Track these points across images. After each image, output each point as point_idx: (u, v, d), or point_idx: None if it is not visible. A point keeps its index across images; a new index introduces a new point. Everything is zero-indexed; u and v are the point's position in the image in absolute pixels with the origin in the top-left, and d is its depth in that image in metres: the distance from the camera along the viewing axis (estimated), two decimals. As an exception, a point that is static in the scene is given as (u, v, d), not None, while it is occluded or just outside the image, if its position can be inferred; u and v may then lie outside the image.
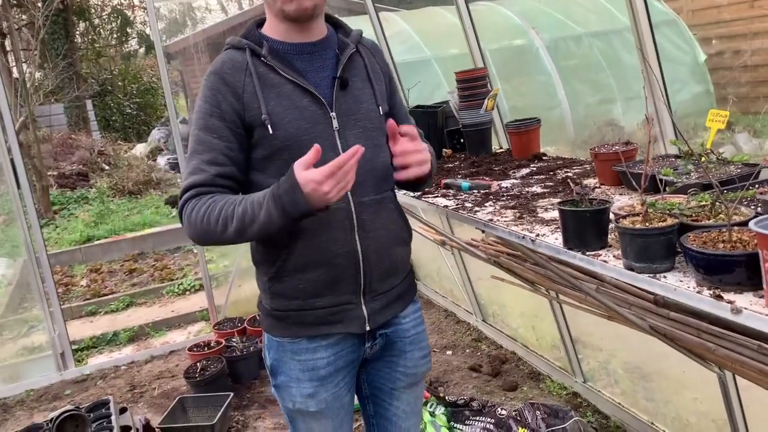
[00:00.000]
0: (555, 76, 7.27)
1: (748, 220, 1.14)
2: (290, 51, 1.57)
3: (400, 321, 1.75)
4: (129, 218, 8.18)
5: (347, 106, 1.58)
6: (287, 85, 1.53)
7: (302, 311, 1.61)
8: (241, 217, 1.43)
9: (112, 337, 4.88)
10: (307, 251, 1.55)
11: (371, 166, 1.59)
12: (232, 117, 1.52)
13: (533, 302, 3.35)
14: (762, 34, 7.95)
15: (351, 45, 1.62)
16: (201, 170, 1.51)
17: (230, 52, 1.58)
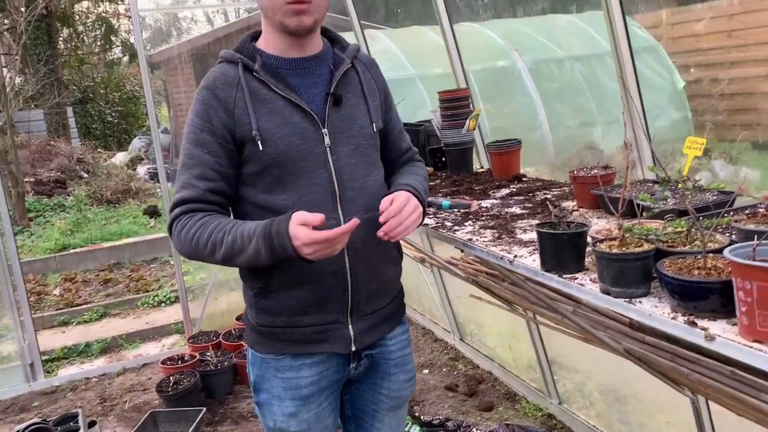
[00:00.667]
0: (536, 98, 7.36)
1: (723, 247, 1.15)
2: (284, 66, 1.56)
3: (387, 343, 1.72)
4: (106, 227, 8.07)
5: (340, 122, 1.56)
6: (279, 101, 1.52)
7: (288, 328, 1.59)
8: (231, 246, 1.44)
9: (84, 348, 4.79)
10: (294, 268, 1.53)
11: (363, 184, 1.58)
12: (223, 132, 1.51)
13: (511, 322, 3.35)
14: (739, 64, 8.13)
15: (346, 61, 1.61)
16: (191, 185, 1.51)
17: (223, 66, 1.57)
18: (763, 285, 1.01)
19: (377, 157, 1.66)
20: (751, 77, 7.95)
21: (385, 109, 1.71)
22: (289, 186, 1.51)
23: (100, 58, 16.50)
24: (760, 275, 1.01)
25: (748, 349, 1.04)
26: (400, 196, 1.52)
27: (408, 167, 1.77)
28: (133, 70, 16.42)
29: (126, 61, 16.75)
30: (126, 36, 16.40)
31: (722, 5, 9.01)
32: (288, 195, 1.50)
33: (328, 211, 1.52)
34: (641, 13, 11.77)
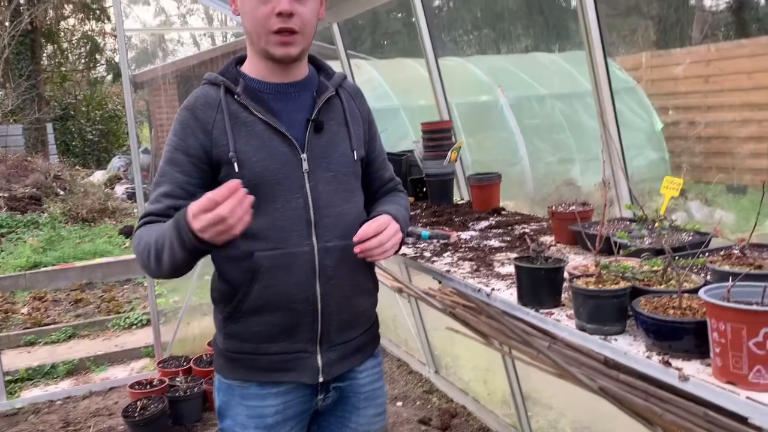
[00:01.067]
0: (517, 134, 7.45)
1: (698, 288, 1.15)
2: (266, 90, 1.56)
3: (357, 375, 1.69)
4: (80, 246, 7.93)
5: (320, 148, 1.56)
6: (259, 125, 1.51)
7: (255, 355, 1.57)
8: (155, 243, 1.41)
9: (50, 369, 4.66)
10: (264, 293, 1.51)
11: (340, 211, 1.57)
12: (198, 153, 1.51)
13: (486, 356, 3.33)
14: (715, 108, 8.33)
15: (330, 88, 1.61)
16: (157, 201, 1.51)
17: (205, 88, 1.57)
18: (736, 327, 1.01)
19: (357, 186, 1.65)
20: (727, 122, 8.15)
21: (368, 138, 1.71)
22: (264, 209, 1.49)
23: (83, 75, 16.45)
24: (734, 317, 1.02)
25: (722, 391, 1.03)
26: (381, 218, 1.53)
27: (390, 197, 1.77)
28: (116, 89, 16.37)
29: (110, 79, 16.71)
30: (111, 55, 16.41)
31: (700, 51, 9.27)
32: (262, 219, 1.49)
33: (302, 237, 1.51)
34: (622, 56, 12.05)
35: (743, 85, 8.06)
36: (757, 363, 1.00)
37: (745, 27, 12.22)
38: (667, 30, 13.41)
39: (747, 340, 1.00)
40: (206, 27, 26.09)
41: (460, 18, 15.12)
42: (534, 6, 14.74)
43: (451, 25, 15.07)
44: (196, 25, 26.57)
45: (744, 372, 1.01)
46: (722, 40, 12.22)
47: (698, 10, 14.57)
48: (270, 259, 1.49)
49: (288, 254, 1.50)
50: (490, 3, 14.55)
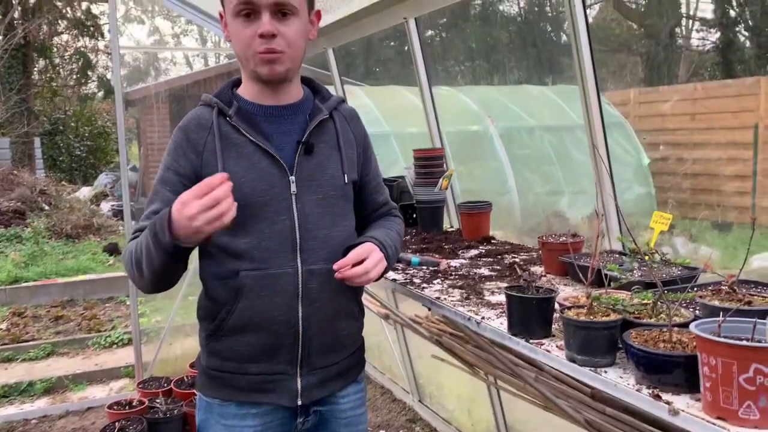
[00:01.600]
0: (506, 164, 7.52)
1: (689, 322, 1.16)
2: (259, 113, 1.58)
3: (338, 400, 1.67)
4: (63, 262, 7.84)
5: (309, 171, 1.56)
6: (249, 146, 1.53)
7: (235, 374, 1.56)
8: (138, 250, 1.43)
9: (27, 387, 4.57)
10: (247, 312, 1.52)
11: (327, 233, 1.57)
12: (188, 173, 1.53)
13: (471, 386, 3.31)
14: (701, 146, 8.47)
15: (324, 111, 1.62)
16: (147, 218, 1.52)
17: (199, 109, 1.59)
18: (727, 362, 1.01)
19: (348, 209, 1.65)
20: (713, 159, 8.27)
21: (363, 161, 1.71)
22: (251, 229, 1.50)
23: (74, 91, 16.42)
24: (724, 352, 1.02)
25: (712, 426, 1.03)
26: (364, 246, 1.53)
27: (382, 221, 1.77)
28: (106, 106, 16.36)
29: (100, 96, 16.69)
30: (103, 71, 16.41)
31: (687, 89, 9.45)
32: (248, 238, 1.50)
33: (287, 258, 1.51)
34: (610, 91, 12.26)
35: (729, 124, 8.21)
36: (747, 398, 1.00)
37: (730, 67, 12.50)
38: (655, 67, 13.68)
39: (737, 376, 1.01)
40: (200, 48, 26.26)
41: (453, 48, 15.33)
42: (527, 39, 14.98)
43: (443, 55, 15.28)
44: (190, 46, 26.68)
45: (734, 407, 1.01)
46: (708, 80, 12.49)
47: (685, 49, 14.88)
48: (254, 279, 1.50)
49: (272, 275, 1.50)
50: (484, 35, 14.79)
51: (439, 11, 13.37)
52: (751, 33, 12.97)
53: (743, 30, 13.23)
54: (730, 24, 12.96)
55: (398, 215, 1.84)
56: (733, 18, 13.04)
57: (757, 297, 1.34)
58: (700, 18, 15.28)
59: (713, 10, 14.03)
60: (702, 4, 16.00)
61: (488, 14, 15.47)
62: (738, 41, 13.13)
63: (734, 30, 13.02)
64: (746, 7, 12.70)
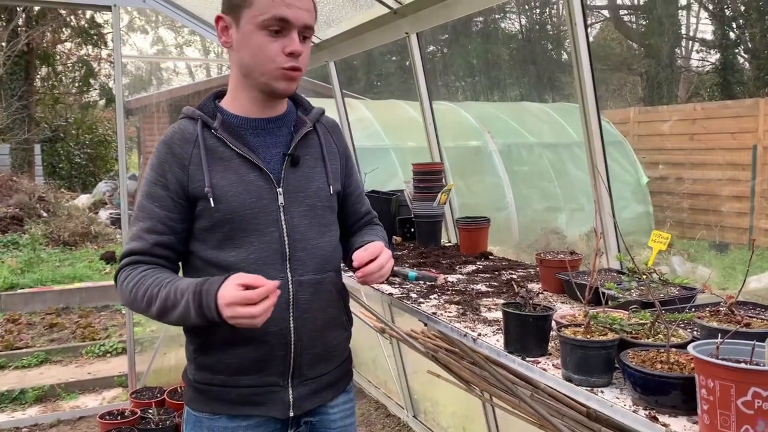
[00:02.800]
0: (505, 180, 7.53)
1: (686, 343, 1.15)
2: (244, 125, 1.57)
3: (328, 410, 1.67)
4: (59, 269, 7.81)
5: (296, 182, 1.57)
6: (235, 159, 1.52)
7: (225, 387, 1.55)
8: (164, 301, 1.43)
9: (19, 394, 4.53)
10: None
11: (315, 245, 1.57)
12: (176, 187, 1.51)
13: (466, 402, 3.29)
14: (700, 166, 8.49)
15: (308, 123, 1.62)
16: (140, 238, 1.51)
17: (183, 122, 1.57)
18: (725, 384, 1.00)
19: (333, 219, 1.66)
20: (712, 180, 8.29)
21: (345, 172, 1.73)
22: (239, 243, 1.50)
23: (75, 99, 16.45)
24: (723, 374, 1.01)
25: (709, 450, 1.02)
26: (375, 245, 1.57)
27: (369, 229, 1.79)
28: (107, 114, 16.38)
29: (102, 104, 16.72)
30: (105, 80, 16.44)
31: (686, 109, 9.49)
32: (237, 252, 1.50)
33: (277, 270, 1.51)
34: (610, 109, 12.30)
35: (727, 145, 8.24)
36: (745, 422, 0.99)
37: (730, 88, 12.57)
38: (654, 87, 13.76)
39: (735, 399, 1.00)
40: (202, 58, 26.35)
41: (454, 64, 15.41)
42: (527, 57, 15.07)
43: (444, 70, 15.35)
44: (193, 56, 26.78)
45: (732, 431, 1.00)
46: (708, 100, 12.56)
47: (685, 69, 14.98)
48: None
49: None
50: (485, 51, 14.87)
51: (440, 27, 13.46)
52: (750, 55, 13.07)
53: (743, 52, 13.32)
54: (729, 45, 13.06)
55: (379, 223, 1.87)
56: (733, 40, 13.14)
57: (755, 319, 1.34)
58: (699, 39, 15.40)
59: (713, 32, 14.14)
60: (702, 25, 16.14)
61: (490, 31, 15.56)
62: (737, 63, 13.22)
63: (734, 51, 13.11)
64: (746, 29, 12.80)
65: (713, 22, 14.11)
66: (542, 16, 17.18)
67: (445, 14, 2.71)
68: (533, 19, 17.17)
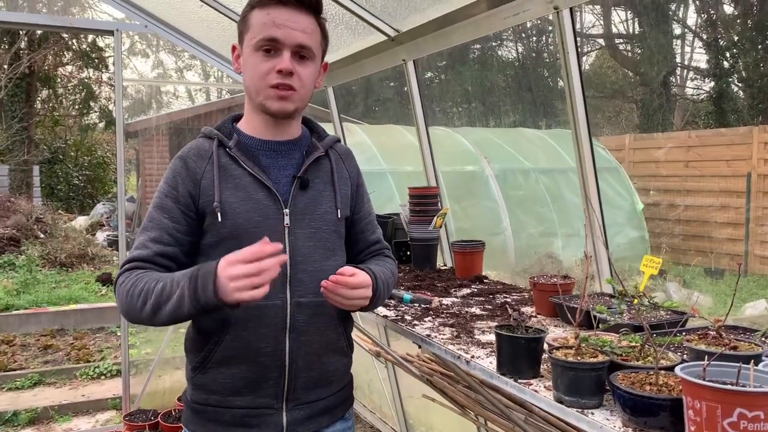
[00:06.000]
0: (501, 204, 7.57)
1: (675, 365, 1.17)
2: (258, 146, 1.61)
3: None
4: (55, 291, 7.80)
5: (303, 205, 1.59)
6: (246, 178, 1.55)
7: (219, 408, 1.55)
8: (160, 293, 1.41)
9: (11, 417, 4.50)
10: (234, 344, 1.51)
11: (317, 267, 1.58)
12: (186, 200, 1.54)
13: (461, 427, 3.28)
14: (694, 193, 8.55)
15: (320, 149, 1.65)
16: (144, 246, 1.52)
17: (200, 140, 1.62)
18: (711, 405, 1.02)
19: (339, 244, 1.67)
20: (706, 206, 8.34)
21: (356, 199, 1.73)
22: None
23: (75, 121, 16.54)
24: (709, 395, 1.03)
25: (696, 470, 1.03)
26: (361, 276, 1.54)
27: (377, 259, 1.77)
28: (107, 137, 16.46)
29: (101, 127, 16.81)
30: (105, 103, 16.55)
31: (681, 136, 9.59)
32: None
33: (276, 290, 1.51)
34: (606, 136, 12.41)
35: (722, 172, 8.31)
36: (731, 443, 1.01)
37: (724, 116, 12.71)
38: (650, 114, 13.90)
39: (722, 420, 1.01)
40: (202, 82, 26.53)
41: (451, 90, 15.56)
42: (523, 84, 15.23)
43: (441, 96, 15.50)
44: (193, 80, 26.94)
45: (718, 452, 1.02)
46: (702, 128, 12.68)
47: (680, 97, 15.14)
48: (242, 310, 1.48)
49: (260, 306, 1.49)
50: (481, 78, 15.03)
51: (438, 54, 13.63)
52: (744, 84, 13.24)
53: (737, 80, 13.49)
54: (723, 74, 13.23)
55: (391, 255, 1.84)
56: (727, 69, 13.31)
57: (743, 342, 1.36)
58: (694, 67, 15.60)
59: (707, 60, 14.34)
60: (696, 54, 16.35)
61: (486, 58, 15.74)
62: (731, 91, 13.38)
63: (728, 80, 13.28)
64: (739, 58, 12.98)
65: (707, 51, 14.32)
66: (538, 44, 17.40)
67: (441, 42, 2.76)
68: (529, 47, 17.39)
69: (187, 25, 4.08)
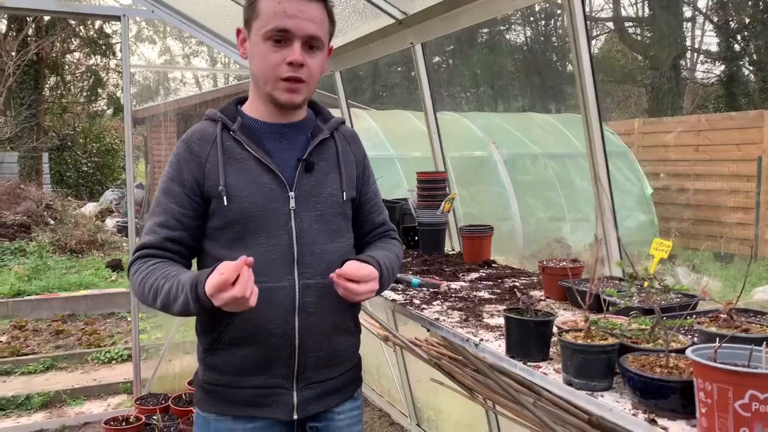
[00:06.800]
0: (510, 189, 7.54)
1: (685, 348, 1.16)
2: (262, 129, 1.61)
3: (334, 416, 1.68)
4: (65, 277, 7.86)
5: (309, 188, 1.59)
6: (251, 161, 1.56)
7: (231, 388, 1.57)
8: (167, 294, 1.45)
9: (24, 400, 4.55)
10: (244, 326, 1.53)
11: (323, 249, 1.59)
12: (192, 185, 1.55)
13: (469, 411, 3.29)
14: (704, 177, 8.49)
15: (325, 131, 1.65)
16: (153, 232, 1.55)
17: (204, 123, 1.62)
18: (723, 387, 1.02)
19: (345, 226, 1.67)
20: (715, 190, 8.28)
21: (362, 181, 1.74)
22: (249, 243, 1.53)
23: (83, 108, 16.58)
24: (720, 377, 1.02)
25: (707, 452, 1.03)
26: (365, 268, 1.55)
27: (383, 242, 1.78)
28: (115, 123, 16.50)
29: (110, 113, 16.84)
30: (113, 90, 16.58)
31: (690, 120, 9.50)
32: (246, 252, 1.50)
33: (284, 272, 1.54)
34: (615, 120, 12.32)
35: (732, 156, 8.24)
36: (742, 425, 1.00)
37: (734, 100, 12.58)
38: (659, 98, 13.78)
39: (733, 402, 1.01)
40: (209, 68, 26.51)
41: (459, 75, 15.47)
42: (532, 68, 15.12)
43: (449, 81, 15.42)
44: (200, 66, 26.91)
45: (729, 434, 1.02)
46: (712, 112, 12.57)
47: (690, 81, 15.00)
48: None
49: (269, 288, 1.51)
50: (489, 62, 14.93)
51: (446, 38, 13.53)
52: (755, 67, 13.08)
53: (747, 63, 13.34)
54: (734, 57, 13.08)
55: (397, 237, 1.85)
56: (738, 52, 13.16)
57: (754, 325, 1.35)
58: (704, 51, 15.43)
59: (718, 44, 14.18)
60: (707, 38, 16.17)
61: (495, 42, 15.63)
62: (742, 75, 13.23)
63: (738, 63, 13.13)
64: (750, 41, 12.83)
65: (718, 34, 14.16)
66: (547, 28, 17.25)
67: (449, 25, 2.74)
68: (538, 31, 17.24)
69: (194, 10, 4.06)
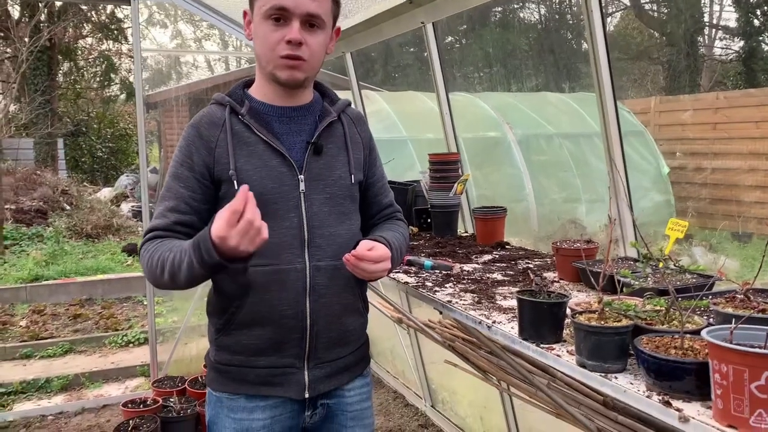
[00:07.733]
0: (524, 170, 7.48)
1: (701, 329, 1.15)
2: (270, 112, 1.61)
3: (344, 393, 1.71)
4: (82, 261, 7.94)
5: (318, 170, 1.60)
6: (260, 145, 1.56)
7: (243, 367, 1.60)
8: (172, 262, 1.44)
9: (44, 383, 4.63)
10: (256, 307, 1.55)
11: (333, 231, 1.60)
12: (201, 169, 1.56)
13: (484, 392, 3.30)
14: (722, 155, 8.36)
15: (333, 113, 1.65)
16: (163, 216, 1.55)
17: (212, 107, 1.63)
18: (739, 369, 1.00)
19: (353, 209, 1.68)
20: (733, 169, 8.16)
21: (369, 163, 1.75)
22: None
23: (97, 93, 16.64)
24: (736, 359, 1.01)
25: (722, 434, 1.02)
26: (379, 249, 1.57)
27: (389, 224, 1.80)
28: (128, 108, 16.56)
29: (123, 99, 16.90)
30: (126, 74, 16.61)
31: (708, 98, 9.35)
32: None
33: (295, 255, 1.55)
34: (631, 99, 12.16)
35: (751, 134, 8.09)
36: (758, 407, 0.99)
37: (754, 77, 12.35)
38: (676, 76, 13.56)
39: (749, 384, 0.99)
40: (221, 51, 26.46)
41: (471, 54, 15.32)
42: (546, 46, 14.93)
43: (462, 61, 15.27)
44: (212, 50, 26.86)
45: (745, 416, 1.00)
46: (731, 89, 12.35)
47: (708, 58, 14.74)
48: (263, 275, 1.53)
49: (280, 270, 1.54)
50: (502, 41, 14.77)
51: (458, 17, 13.38)
52: (775, 42, 12.81)
53: (767, 39, 13.07)
54: (753, 33, 12.81)
55: (403, 219, 1.87)
56: (757, 27, 12.89)
57: (772, 305, 1.33)
58: (723, 26, 15.13)
59: (737, 19, 13.89)
60: (725, 13, 15.86)
61: (508, 21, 15.44)
62: (762, 50, 12.97)
63: (758, 39, 12.87)
64: (770, 16, 12.55)
65: (737, 9, 13.86)
66: (561, 6, 17.01)
67: (461, 3, 2.70)
68: (552, 9, 17.01)
69: (203, -7, 4.04)
